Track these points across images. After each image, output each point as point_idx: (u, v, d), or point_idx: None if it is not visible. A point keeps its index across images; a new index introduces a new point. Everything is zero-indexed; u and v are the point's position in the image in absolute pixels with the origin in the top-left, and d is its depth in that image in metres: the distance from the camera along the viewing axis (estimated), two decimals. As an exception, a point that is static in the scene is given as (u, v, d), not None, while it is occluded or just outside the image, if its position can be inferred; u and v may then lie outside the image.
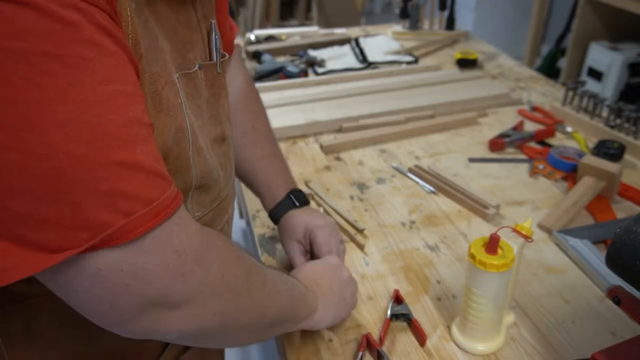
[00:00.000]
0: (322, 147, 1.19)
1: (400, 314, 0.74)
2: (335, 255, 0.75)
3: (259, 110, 0.87)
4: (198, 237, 0.44)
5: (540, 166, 1.11)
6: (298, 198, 0.81)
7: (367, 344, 0.69)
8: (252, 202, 1.02)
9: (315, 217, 0.79)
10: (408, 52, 1.73)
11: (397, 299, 0.76)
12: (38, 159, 0.34)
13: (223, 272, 0.46)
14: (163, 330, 0.43)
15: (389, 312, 0.74)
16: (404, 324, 0.74)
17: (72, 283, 0.38)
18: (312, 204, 1.01)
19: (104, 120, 0.36)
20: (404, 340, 0.72)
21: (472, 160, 1.16)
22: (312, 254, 0.79)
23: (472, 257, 0.64)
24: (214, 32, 0.58)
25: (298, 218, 0.79)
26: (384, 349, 0.69)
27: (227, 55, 0.62)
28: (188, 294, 0.42)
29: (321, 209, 0.98)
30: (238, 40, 1.76)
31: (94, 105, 0.35)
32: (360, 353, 0.67)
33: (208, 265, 0.44)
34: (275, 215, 0.81)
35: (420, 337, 0.70)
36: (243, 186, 1.06)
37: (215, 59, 0.59)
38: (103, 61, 0.36)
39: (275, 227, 0.82)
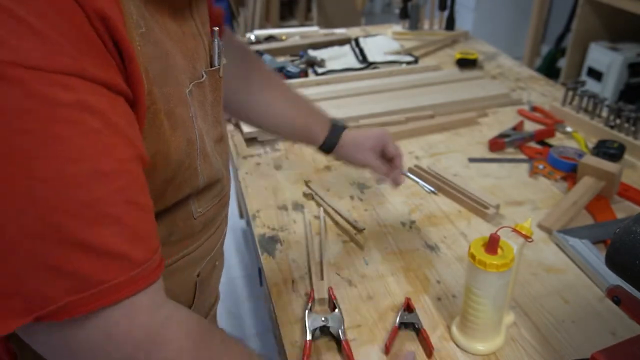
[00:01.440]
0: (322, 147, 1.19)
1: (409, 323, 0.73)
2: None
3: (263, 66, 0.90)
4: (144, 328, 0.40)
5: (540, 166, 1.11)
6: (339, 123, 0.90)
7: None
8: (252, 202, 1.02)
9: (373, 131, 0.90)
10: (408, 52, 1.73)
11: (408, 308, 0.76)
12: None
13: None
14: None
15: (397, 320, 0.73)
16: (412, 333, 0.74)
17: (30, 338, 0.39)
18: (312, 204, 1.01)
19: (65, 199, 0.35)
20: (411, 350, 0.72)
21: (472, 160, 1.16)
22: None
23: (472, 257, 0.64)
24: (216, 39, 0.59)
25: (357, 133, 0.89)
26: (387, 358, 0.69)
27: (224, 59, 0.63)
28: None
29: (321, 209, 0.99)
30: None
31: (56, 183, 0.35)
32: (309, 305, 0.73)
33: None
34: (332, 141, 0.88)
35: (428, 349, 0.70)
36: (243, 186, 1.06)
37: (217, 64, 0.59)
38: (77, 140, 0.36)
39: (275, 228, 0.82)
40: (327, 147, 0.89)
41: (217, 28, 0.59)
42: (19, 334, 0.39)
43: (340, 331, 0.71)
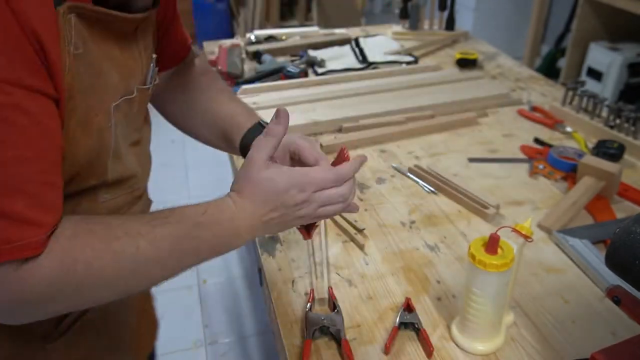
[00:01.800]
0: (322, 147, 1.19)
1: (409, 323, 0.73)
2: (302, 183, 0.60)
3: (222, 85, 0.88)
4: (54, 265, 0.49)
5: (540, 166, 1.11)
6: (267, 123, 0.76)
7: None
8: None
9: (292, 135, 0.72)
10: (408, 52, 1.73)
11: (408, 308, 0.76)
12: None
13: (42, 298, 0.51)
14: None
15: (397, 320, 0.73)
16: (412, 333, 0.74)
17: None
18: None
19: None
20: (411, 350, 0.72)
21: (471, 160, 1.16)
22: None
23: (472, 257, 0.64)
24: (152, 64, 0.69)
25: None
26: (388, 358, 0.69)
27: (157, 81, 0.72)
28: (10, 310, 0.51)
29: None
30: (238, 41, 1.78)
31: None
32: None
33: (28, 294, 0.49)
34: (246, 142, 0.75)
35: (428, 349, 0.70)
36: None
37: (148, 84, 0.69)
38: (6, 132, 0.45)
39: None
40: (242, 150, 0.77)
41: (155, 55, 0.70)
42: None
43: (340, 331, 0.71)
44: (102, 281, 0.52)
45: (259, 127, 0.76)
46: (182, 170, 2.71)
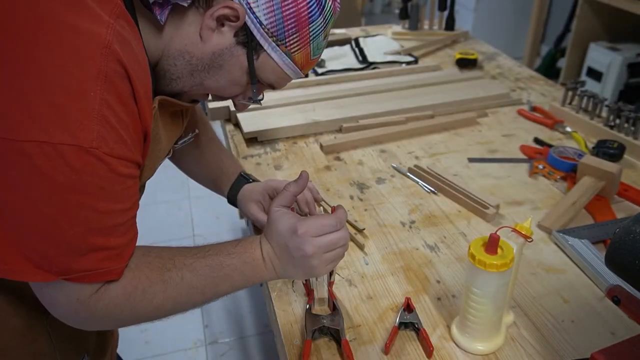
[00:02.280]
0: (322, 147, 1.20)
1: (409, 323, 0.74)
2: (289, 214, 0.68)
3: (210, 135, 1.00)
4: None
5: (540, 166, 1.11)
6: (249, 176, 0.95)
7: None
8: (252, 202, 1.02)
9: (270, 180, 0.92)
10: (408, 52, 1.73)
11: (408, 307, 0.76)
12: (58, 229, 0.54)
13: (109, 315, 0.61)
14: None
15: (397, 320, 0.73)
16: (412, 333, 0.74)
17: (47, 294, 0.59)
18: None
19: (107, 221, 0.56)
20: (411, 350, 0.72)
21: (471, 160, 1.16)
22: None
23: (472, 257, 0.64)
24: (190, 134, 0.83)
25: (252, 185, 0.92)
26: (388, 358, 0.70)
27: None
28: (82, 322, 0.62)
29: (321, 209, 0.99)
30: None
31: (105, 215, 0.56)
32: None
33: (97, 311, 0.60)
34: (232, 193, 0.93)
35: (428, 348, 0.70)
36: (243, 186, 1.06)
37: (178, 144, 0.80)
38: (123, 193, 0.57)
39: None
40: (231, 201, 0.95)
41: (197, 131, 0.85)
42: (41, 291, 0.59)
43: (340, 331, 0.71)
44: (152, 306, 0.62)
45: (242, 179, 0.94)
46: (182, 170, 2.72)
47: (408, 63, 1.65)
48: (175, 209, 2.37)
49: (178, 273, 0.63)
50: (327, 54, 1.70)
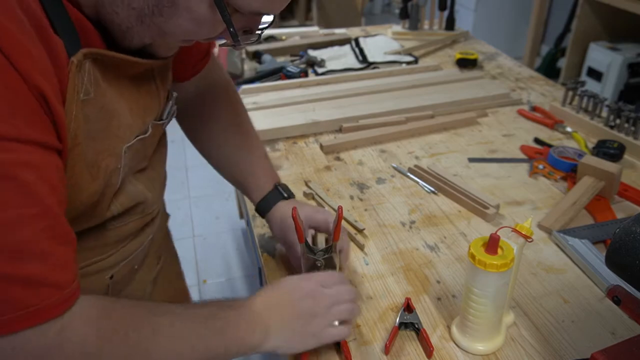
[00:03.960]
0: (322, 147, 1.20)
1: (409, 323, 0.73)
2: (323, 276, 0.68)
3: (240, 109, 0.89)
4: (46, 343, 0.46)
5: (540, 166, 1.11)
6: (285, 190, 0.83)
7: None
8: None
9: (308, 209, 0.79)
10: (408, 52, 1.73)
11: (408, 308, 0.76)
12: None
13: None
14: None
15: (397, 320, 0.73)
16: (412, 333, 0.73)
17: None
18: (312, 204, 1.01)
19: (1, 239, 0.43)
20: (411, 350, 0.72)
21: (471, 160, 1.16)
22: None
23: (472, 257, 0.64)
24: (171, 102, 0.68)
25: (290, 207, 0.78)
26: (389, 358, 0.69)
27: (175, 114, 0.72)
28: None
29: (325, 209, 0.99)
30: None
31: None
32: None
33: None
34: (264, 207, 0.82)
35: (428, 349, 0.70)
36: (243, 186, 1.06)
37: (164, 119, 0.68)
38: (13, 191, 0.43)
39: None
40: (260, 212, 0.84)
41: (175, 94, 0.70)
42: None
43: None
44: (137, 356, 0.51)
45: (277, 193, 0.81)
46: (182, 171, 2.72)
47: (408, 63, 1.65)
48: (174, 209, 2.37)
49: (169, 318, 0.54)
50: (327, 54, 1.70)
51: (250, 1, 0.50)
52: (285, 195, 0.82)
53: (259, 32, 0.57)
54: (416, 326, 0.72)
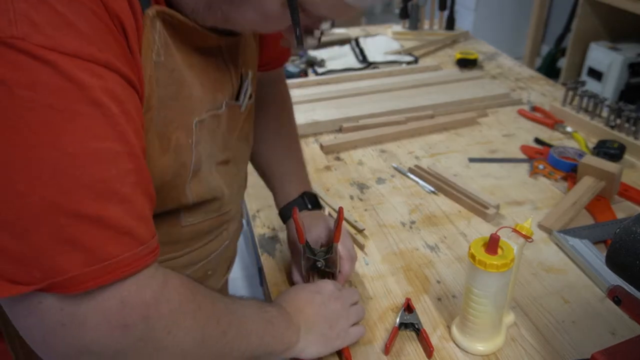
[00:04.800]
0: (322, 147, 1.19)
1: (409, 323, 0.73)
2: (331, 282, 0.70)
3: (293, 119, 0.88)
4: (150, 290, 0.43)
5: (540, 166, 1.11)
6: (310, 200, 0.82)
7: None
8: (252, 202, 1.02)
9: (319, 227, 0.78)
10: (408, 52, 1.73)
11: (408, 308, 0.75)
12: (16, 195, 0.37)
13: (171, 327, 0.45)
14: None
15: (397, 320, 0.73)
16: (412, 333, 0.73)
17: (15, 308, 0.40)
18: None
19: (84, 173, 0.38)
20: (411, 350, 0.72)
21: (472, 160, 1.16)
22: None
23: (472, 257, 0.64)
24: (247, 81, 0.64)
25: (313, 219, 0.78)
26: (388, 359, 0.69)
27: (253, 98, 0.68)
28: (126, 347, 0.42)
29: (326, 211, 0.98)
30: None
31: (79, 157, 0.38)
32: None
33: (155, 320, 0.43)
34: (286, 214, 0.82)
35: (428, 349, 0.69)
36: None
37: (241, 101, 0.64)
38: (100, 120, 0.39)
39: (275, 228, 0.83)
40: (282, 218, 0.83)
41: (250, 72, 0.65)
42: (11, 311, 0.41)
43: None
44: (218, 329, 0.50)
45: (301, 202, 0.80)
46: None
47: (408, 63, 1.65)
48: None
49: (230, 302, 0.53)
50: (327, 54, 1.70)
51: (319, 6, 0.50)
52: (309, 206, 0.81)
53: (320, 35, 0.56)
54: (416, 326, 0.72)
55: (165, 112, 0.51)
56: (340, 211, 0.71)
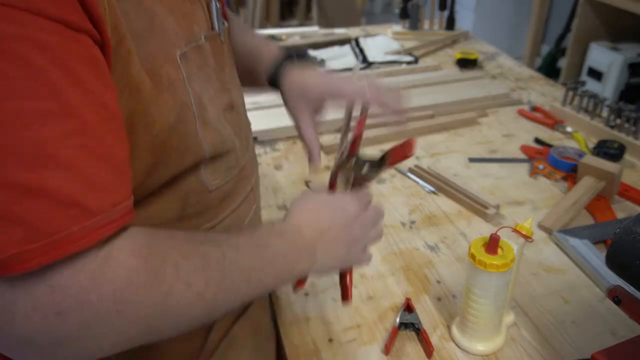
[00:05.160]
0: (322, 147, 1.19)
1: (409, 323, 0.73)
2: (358, 199, 0.64)
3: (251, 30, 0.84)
4: (86, 271, 0.37)
5: (541, 166, 1.11)
6: (300, 50, 0.76)
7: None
8: (252, 202, 1.02)
9: (331, 78, 0.73)
10: (408, 52, 1.73)
11: (408, 308, 0.75)
12: None
13: (120, 307, 0.39)
14: None
15: (397, 321, 0.73)
16: (413, 333, 0.73)
17: None
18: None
19: (8, 137, 0.33)
20: (411, 350, 0.72)
21: (472, 160, 1.16)
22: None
23: (472, 257, 0.64)
24: (213, 2, 0.59)
25: (306, 75, 0.72)
26: (389, 359, 0.69)
27: (227, 23, 0.62)
28: (68, 334, 0.38)
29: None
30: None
31: (5, 121, 0.33)
32: None
33: (97, 304, 0.38)
34: (274, 73, 0.74)
35: (428, 349, 0.70)
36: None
37: (217, 28, 0.59)
38: (23, 76, 0.34)
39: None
40: (272, 83, 0.75)
41: (218, 5, 0.60)
42: None
43: None
44: (190, 291, 0.43)
45: (288, 58, 0.73)
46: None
47: (408, 63, 1.65)
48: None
49: (216, 248, 0.47)
50: (327, 54, 1.70)
51: None
52: (296, 56, 0.75)
53: None
54: (416, 326, 0.72)
55: (145, 46, 0.46)
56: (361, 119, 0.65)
